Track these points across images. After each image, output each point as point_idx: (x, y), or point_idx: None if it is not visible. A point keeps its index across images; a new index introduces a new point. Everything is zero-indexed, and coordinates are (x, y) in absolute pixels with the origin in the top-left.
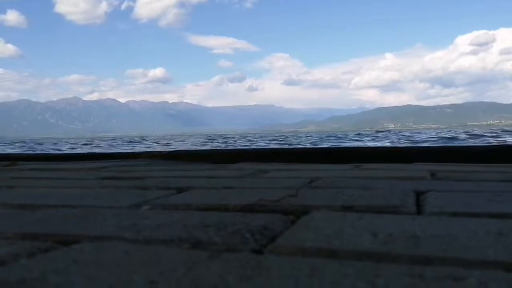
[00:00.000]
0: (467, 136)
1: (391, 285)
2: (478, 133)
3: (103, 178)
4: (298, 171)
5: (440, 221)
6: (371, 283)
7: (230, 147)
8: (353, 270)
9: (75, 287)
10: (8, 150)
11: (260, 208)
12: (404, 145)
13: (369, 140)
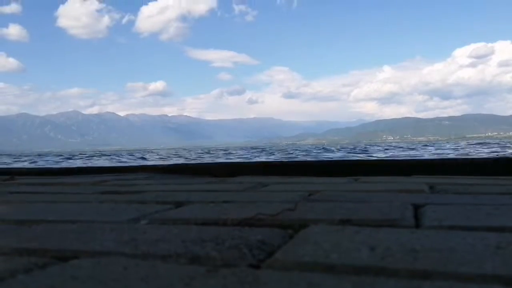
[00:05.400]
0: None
1: None
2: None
3: (102, 192)
4: (297, 184)
5: (439, 234)
6: None
7: (229, 161)
8: (351, 285)
9: None
10: None
11: (259, 222)
12: (403, 158)
13: None
